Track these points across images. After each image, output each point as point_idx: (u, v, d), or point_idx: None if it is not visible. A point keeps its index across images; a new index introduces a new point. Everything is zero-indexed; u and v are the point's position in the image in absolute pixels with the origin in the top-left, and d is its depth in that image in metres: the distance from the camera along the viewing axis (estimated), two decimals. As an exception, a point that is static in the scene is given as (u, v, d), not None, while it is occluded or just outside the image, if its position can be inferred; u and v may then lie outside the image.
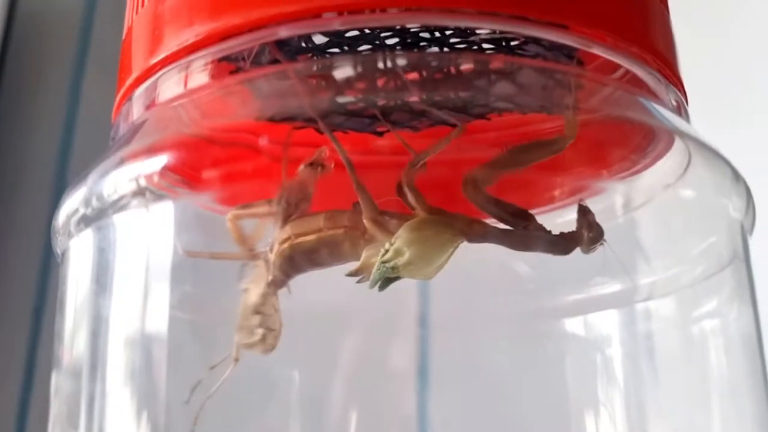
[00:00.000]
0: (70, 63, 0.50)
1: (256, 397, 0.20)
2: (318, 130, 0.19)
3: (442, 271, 0.16)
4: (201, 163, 0.16)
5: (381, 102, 0.16)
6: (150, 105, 0.16)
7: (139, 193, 0.15)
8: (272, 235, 0.16)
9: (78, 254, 0.16)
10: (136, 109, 0.16)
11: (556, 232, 0.16)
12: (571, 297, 0.21)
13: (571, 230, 0.16)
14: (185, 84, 0.16)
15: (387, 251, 0.15)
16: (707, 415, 0.18)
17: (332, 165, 0.17)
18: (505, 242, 0.16)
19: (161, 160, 0.15)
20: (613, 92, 0.16)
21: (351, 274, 0.16)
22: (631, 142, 0.16)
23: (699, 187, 0.16)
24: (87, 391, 0.15)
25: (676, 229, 0.18)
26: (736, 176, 0.17)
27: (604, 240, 0.16)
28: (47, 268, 0.46)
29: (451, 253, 0.16)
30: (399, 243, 0.15)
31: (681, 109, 0.17)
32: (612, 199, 0.18)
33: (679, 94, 0.17)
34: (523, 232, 0.16)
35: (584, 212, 0.16)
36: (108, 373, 0.15)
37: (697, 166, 0.16)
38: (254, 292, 0.16)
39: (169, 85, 0.16)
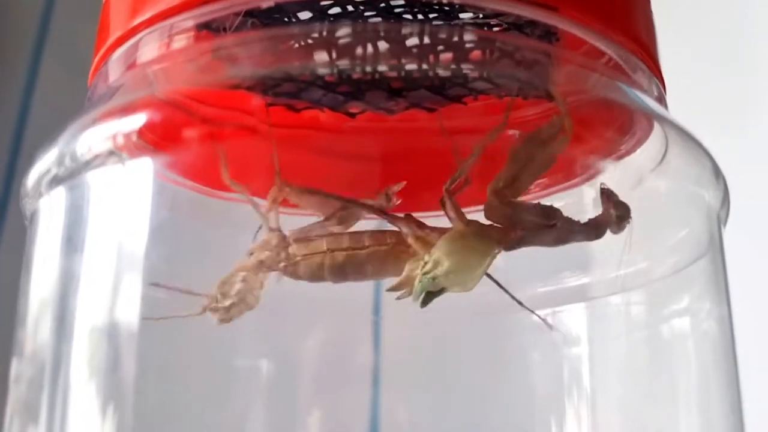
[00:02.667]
0: (28, 50, 0.49)
1: (218, 384, 0.20)
2: (291, 107, 0.18)
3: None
4: (172, 127, 0.16)
5: (357, 75, 0.16)
6: (129, 67, 0.16)
7: (115, 151, 0.15)
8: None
9: (49, 212, 0.16)
10: (114, 71, 0.16)
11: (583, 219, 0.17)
12: (540, 289, 0.21)
13: (597, 214, 0.17)
14: (167, 47, 0.15)
15: (426, 263, 0.16)
16: (675, 414, 0.18)
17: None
18: (540, 243, 0.16)
19: (139, 119, 0.15)
20: (598, 78, 0.16)
21: (392, 289, 0.16)
22: (614, 123, 0.16)
23: (677, 175, 0.16)
24: (53, 357, 0.15)
25: (653, 219, 0.18)
26: (715, 167, 0.17)
27: (631, 218, 0.16)
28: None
29: (489, 263, 0.16)
30: (438, 254, 0.16)
31: (661, 101, 0.17)
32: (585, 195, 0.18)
33: (660, 86, 0.17)
34: (556, 229, 0.16)
35: (608, 195, 0.16)
36: (77, 332, 0.15)
37: (675, 154, 0.16)
38: (254, 259, 0.17)
39: (150, 48, 0.15)
